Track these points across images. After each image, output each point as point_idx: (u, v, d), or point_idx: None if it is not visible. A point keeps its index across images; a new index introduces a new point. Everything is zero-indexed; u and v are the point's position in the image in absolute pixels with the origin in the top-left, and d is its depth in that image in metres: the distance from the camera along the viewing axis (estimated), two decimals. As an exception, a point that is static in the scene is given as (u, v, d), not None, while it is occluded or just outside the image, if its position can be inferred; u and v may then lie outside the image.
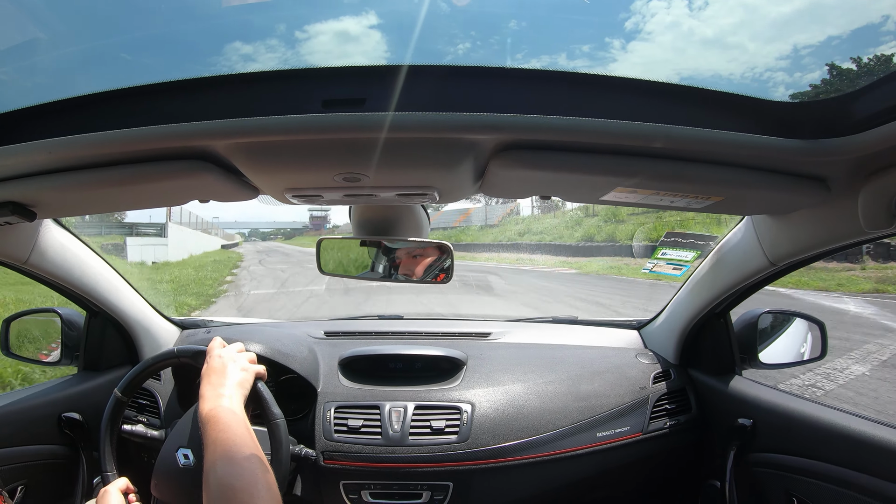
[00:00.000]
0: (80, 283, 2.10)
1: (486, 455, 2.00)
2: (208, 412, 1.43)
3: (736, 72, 1.13)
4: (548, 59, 1.09)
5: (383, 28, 1.10)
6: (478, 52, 1.10)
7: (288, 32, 1.11)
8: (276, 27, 1.13)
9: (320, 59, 1.05)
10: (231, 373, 1.58)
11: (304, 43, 1.11)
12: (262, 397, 1.64)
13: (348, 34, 1.09)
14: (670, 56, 1.18)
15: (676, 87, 1.05)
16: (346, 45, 1.09)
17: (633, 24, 1.12)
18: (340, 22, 1.09)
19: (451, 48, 1.12)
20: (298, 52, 1.10)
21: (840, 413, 1.75)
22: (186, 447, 1.62)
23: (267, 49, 1.10)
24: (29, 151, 1.10)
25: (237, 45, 1.09)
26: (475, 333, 2.65)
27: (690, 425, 2.27)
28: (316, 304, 15.30)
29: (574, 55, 1.12)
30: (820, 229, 1.47)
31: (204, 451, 1.35)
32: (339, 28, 1.09)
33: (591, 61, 1.12)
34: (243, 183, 1.34)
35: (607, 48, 1.13)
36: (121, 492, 1.62)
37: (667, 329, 2.47)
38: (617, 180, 1.22)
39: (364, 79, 1.03)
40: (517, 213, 50.84)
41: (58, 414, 2.14)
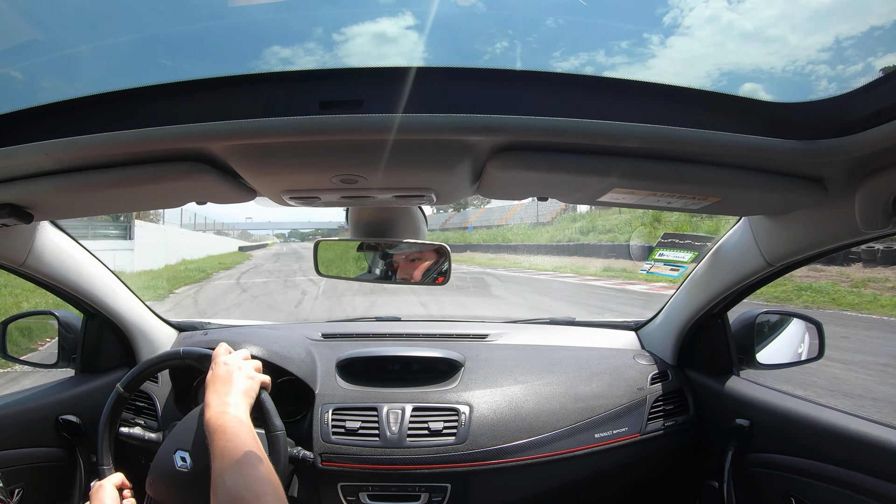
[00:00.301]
0: (77, 286, 2.09)
1: (484, 456, 2.00)
2: (216, 421, 1.42)
3: (777, 65, 1.12)
4: (586, 57, 1.09)
5: (420, 29, 1.09)
6: (514, 51, 1.10)
7: (325, 35, 1.11)
8: (313, 30, 1.12)
9: (358, 61, 1.05)
10: (237, 381, 1.57)
11: (343, 45, 1.10)
12: (265, 408, 1.63)
13: (385, 35, 1.08)
14: (710, 51, 1.17)
15: (673, 89, 1.05)
16: (384, 46, 1.08)
17: (671, 19, 1.11)
18: (377, 24, 1.09)
19: (489, 47, 1.12)
20: (337, 55, 1.10)
21: (837, 413, 1.75)
22: (185, 450, 1.61)
23: (305, 52, 1.10)
24: (26, 153, 1.09)
25: (275, 49, 1.09)
26: (473, 335, 2.65)
27: (688, 426, 2.27)
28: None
29: (612, 52, 1.11)
30: (817, 230, 1.47)
31: (211, 459, 1.34)
32: (377, 30, 1.08)
33: (630, 58, 1.12)
34: (240, 185, 1.34)
35: (646, 44, 1.12)
36: (115, 487, 1.63)
37: (664, 330, 2.47)
38: (614, 181, 1.22)
39: (362, 80, 1.03)
40: (574, 209, 46.32)
41: (55, 416, 2.14)
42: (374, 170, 1.22)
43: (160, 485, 1.62)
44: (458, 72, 1.04)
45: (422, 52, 1.10)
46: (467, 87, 1.03)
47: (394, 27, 1.08)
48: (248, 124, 1.00)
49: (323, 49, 1.10)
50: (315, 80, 1.04)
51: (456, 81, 1.03)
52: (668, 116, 1.03)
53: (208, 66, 1.07)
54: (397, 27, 1.08)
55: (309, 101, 1.00)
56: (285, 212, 14.57)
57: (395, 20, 1.09)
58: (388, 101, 0.99)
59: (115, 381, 1.84)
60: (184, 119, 1.02)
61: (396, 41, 1.08)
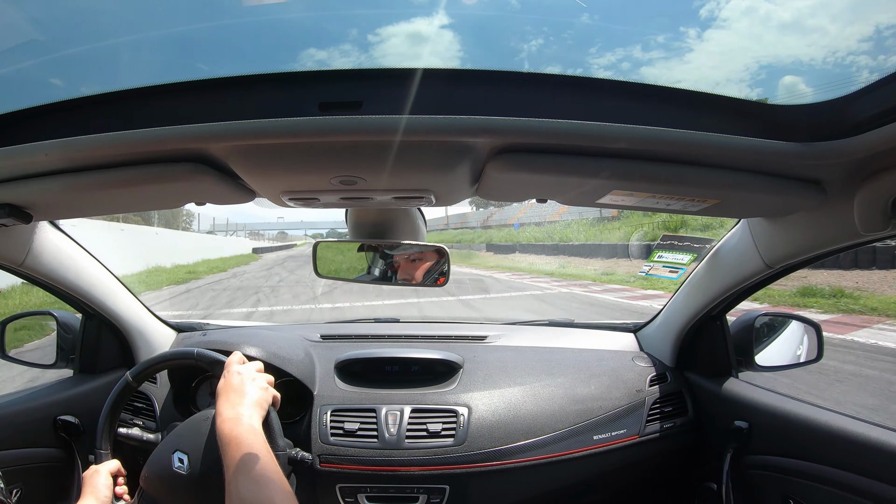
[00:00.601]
0: (76, 286, 2.09)
1: (482, 458, 2.00)
2: (229, 431, 1.41)
3: (817, 57, 1.10)
4: (622, 53, 1.09)
5: (455, 28, 1.09)
6: (550, 49, 1.09)
7: (360, 36, 1.10)
8: (348, 32, 1.12)
9: (393, 62, 1.05)
10: (250, 391, 1.56)
11: (378, 46, 1.10)
12: (271, 426, 1.63)
13: (420, 35, 1.08)
14: (747, 43, 1.15)
15: (672, 91, 1.05)
16: (418, 46, 1.08)
17: (707, 12, 1.09)
18: (411, 23, 1.09)
19: (524, 45, 1.11)
20: (372, 56, 1.09)
21: (836, 415, 1.75)
22: (184, 452, 1.61)
23: (342, 53, 1.09)
24: (25, 153, 1.09)
25: (311, 51, 1.09)
26: (471, 336, 2.65)
27: (687, 428, 2.27)
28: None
29: (649, 47, 1.10)
30: (816, 232, 1.47)
31: (224, 469, 1.34)
32: (411, 30, 1.08)
33: (667, 52, 1.11)
34: (239, 186, 1.34)
35: (683, 38, 1.11)
36: (111, 474, 1.64)
37: (663, 332, 2.47)
38: (613, 183, 1.22)
39: (361, 81, 1.03)
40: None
41: (53, 417, 2.13)
42: (373, 171, 1.22)
43: (154, 481, 1.62)
44: (459, 73, 1.04)
45: (456, 52, 1.10)
46: (467, 89, 1.03)
47: (427, 27, 1.08)
48: (247, 125, 1.00)
49: (354, 49, 1.09)
50: (314, 81, 1.04)
51: (456, 83, 1.03)
52: (668, 118, 1.03)
53: (235, 66, 1.07)
54: (431, 27, 1.08)
55: (308, 101, 1.00)
56: (322, 211, 14.17)
57: (428, 20, 1.08)
58: (388, 103, 0.99)
59: (114, 381, 1.83)
60: (183, 120, 1.02)
61: (430, 41, 1.08)
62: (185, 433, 1.66)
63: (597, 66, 1.08)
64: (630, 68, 1.08)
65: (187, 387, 2.34)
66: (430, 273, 1.97)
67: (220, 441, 1.41)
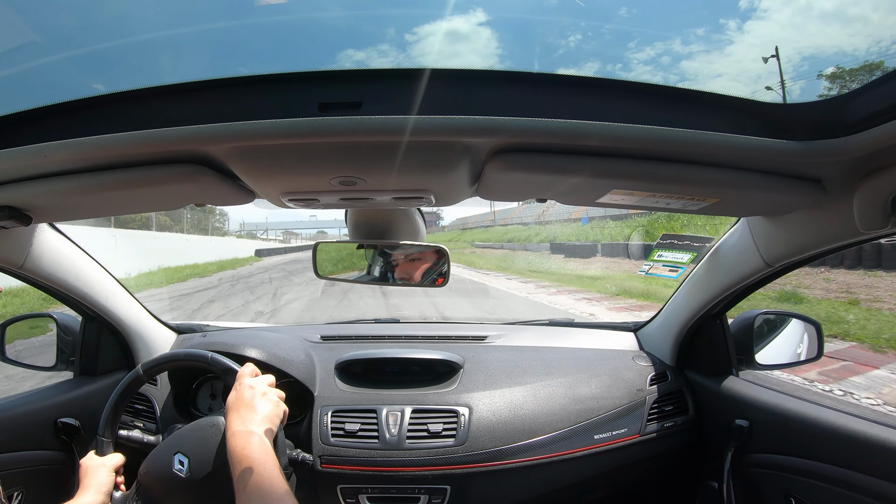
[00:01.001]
0: (76, 288, 2.09)
1: (483, 458, 2.00)
2: (241, 449, 1.40)
3: (861, 46, 1.09)
4: (662, 47, 1.08)
5: (492, 25, 1.08)
6: (589, 45, 1.09)
7: (398, 35, 1.10)
8: (385, 31, 1.11)
9: (432, 61, 1.04)
10: (262, 407, 1.55)
11: (416, 44, 1.09)
12: (277, 444, 1.62)
13: (458, 33, 1.07)
14: (789, 34, 1.14)
15: (671, 90, 1.05)
16: (457, 44, 1.07)
17: (747, 3, 1.08)
18: (449, 22, 1.08)
19: (563, 41, 1.11)
20: (410, 55, 1.09)
21: (837, 413, 1.75)
22: (185, 455, 1.61)
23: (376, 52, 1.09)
24: (25, 155, 1.09)
25: (349, 53, 1.08)
26: (471, 337, 2.65)
27: (688, 427, 2.27)
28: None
29: (689, 40, 1.10)
30: (816, 230, 1.47)
31: (235, 489, 1.33)
32: (449, 28, 1.07)
33: (707, 45, 1.10)
34: (239, 187, 1.34)
35: (723, 30, 1.11)
36: (113, 470, 1.64)
37: (663, 331, 2.47)
38: (613, 182, 1.22)
39: (361, 82, 1.03)
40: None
41: (54, 419, 2.13)
42: (372, 171, 1.22)
43: (152, 478, 1.61)
44: (459, 73, 1.04)
45: (494, 49, 1.09)
46: (466, 89, 1.03)
47: (465, 24, 1.07)
48: (246, 126, 1.00)
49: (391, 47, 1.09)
50: (314, 82, 1.04)
51: (455, 83, 1.03)
52: (667, 118, 1.03)
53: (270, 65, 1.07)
54: (468, 24, 1.07)
55: (308, 102, 1.00)
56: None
57: (466, 17, 1.08)
58: (388, 103, 0.99)
59: (114, 383, 1.83)
60: (182, 121, 1.02)
61: (469, 38, 1.08)
62: (188, 436, 1.66)
63: (636, 62, 1.08)
64: (670, 62, 1.08)
65: (187, 388, 2.34)
66: (428, 273, 1.97)
67: (231, 457, 1.40)
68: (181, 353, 1.78)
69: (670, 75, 1.10)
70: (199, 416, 2.25)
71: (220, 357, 1.73)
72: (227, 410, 1.55)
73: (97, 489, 1.58)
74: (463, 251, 57.60)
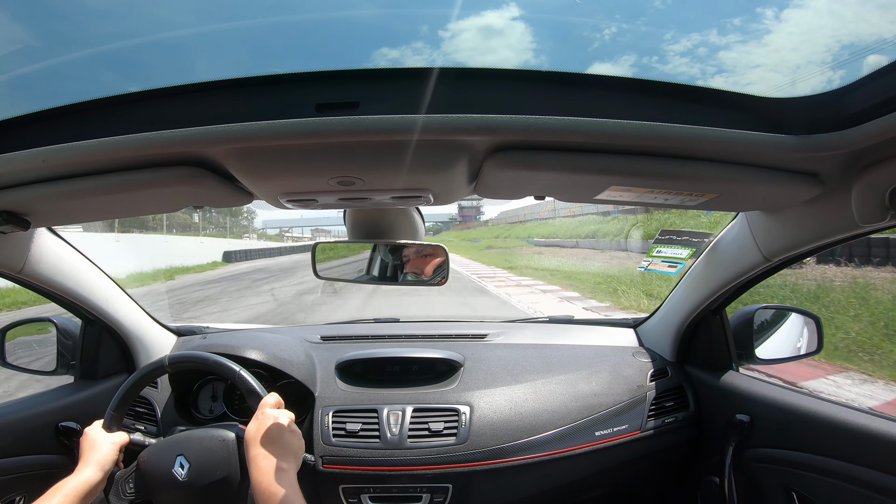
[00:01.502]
0: (75, 292, 2.09)
1: (484, 456, 2.00)
2: (269, 486, 1.39)
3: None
4: (698, 38, 1.08)
5: (526, 19, 1.07)
6: (624, 37, 1.08)
7: (431, 33, 1.09)
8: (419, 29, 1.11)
9: (466, 57, 1.03)
10: (289, 443, 1.54)
11: (450, 41, 1.09)
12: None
13: (492, 28, 1.07)
14: (827, 21, 1.12)
15: (668, 86, 1.05)
16: (491, 39, 1.07)
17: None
18: (482, 17, 1.07)
19: (598, 34, 1.10)
20: (444, 51, 1.08)
21: (837, 406, 1.76)
22: (187, 460, 1.61)
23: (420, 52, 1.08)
24: (22, 160, 1.09)
25: (384, 51, 1.08)
26: (471, 335, 2.65)
27: (688, 422, 2.28)
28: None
29: (725, 30, 1.09)
30: (814, 224, 1.47)
31: None
32: (482, 23, 1.07)
33: (744, 35, 1.09)
34: (237, 188, 1.34)
35: (760, 19, 1.09)
36: (118, 448, 1.66)
37: (663, 327, 2.48)
38: (611, 179, 1.23)
39: (357, 82, 1.04)
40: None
41: (55, 423, 2.13)
42: (371, 171, 1.22)
43: (150, 469, 1.62)
44: (455, 72, 1.04)
45: (529, 44, 1.09)
46: (463, 87, 1.03)
47: (499, 19, 1.07)
48: (243, 128, 1.00)
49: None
50: (310, 82, 1.05)
51: (452, 81, 1.03)
52: (664, 113, 1.03)
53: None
54: (502, 19, 1.07)
55: (305, 103, 1.01)
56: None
57: (499, 12, 1.07)
58: (385, 103, 0.99)
59: (115, 387, 1.83)
60: (179, 124, 1.02)
61: (503, 33, 1.07)
62: (195, 442, 1.66)
63: (672, 54, 1.07)
64: (707, 54, 1.07)
65: (188, 390, 2.34)
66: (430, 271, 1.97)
67: (258, 493, 1.40)
68: (211, 358, 1.78)
69: (707, 67, 1.09)
70: (200, 418, 2.25)
71: (248, 378, 1.74)
72: (248, 441, 1.53)
73: (100, 465, 1.59)
74: (517, 251, 46.97)
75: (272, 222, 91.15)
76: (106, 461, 1.60)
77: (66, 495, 1.48)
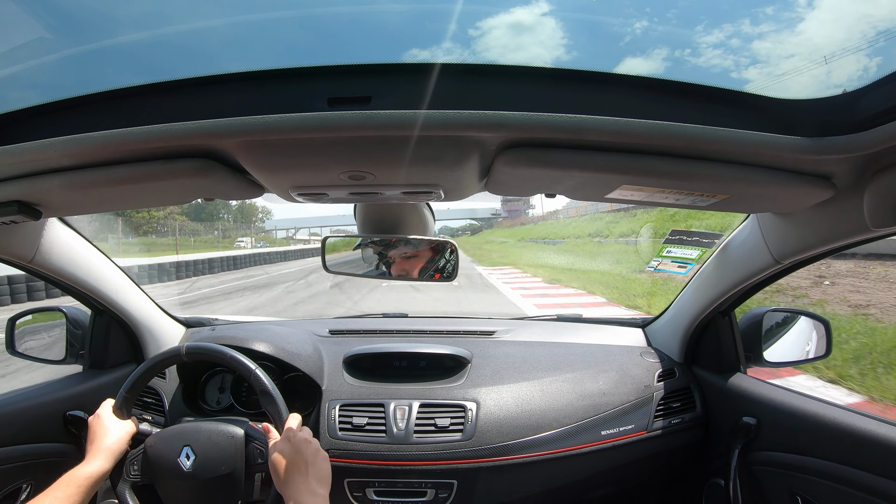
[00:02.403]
0: (85, 282, 2.10)
1: (490, 453, 2.00)
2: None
3: None
4: (731, 29, 1.06)
5: (555, 15, 1.07)
6: (655, 31, 1.07)
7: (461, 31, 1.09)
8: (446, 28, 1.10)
9: (496, 55, 1.03)
10: (322, 466, 1.54)
11: (480, 39, 1.09)
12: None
13: (522, 25, 1.06)
14: (861, 7, 1.10)
15: (681, 85, 1.05)
16: (521, 36, 1.06)
17: None
18: (511, 14, 1.07)
19: (628, 28, 1.09)
20: (474, 49, 1.08)
21: (844, 411, 1.75)
22: (194, 452, 1.62)
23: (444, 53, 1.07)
24: (35, 150, 1.10)
25: (414, 51, 1.08)
26: (480, 332, 2.66)
27: (695, 423, 2.27)
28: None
29: (758, 20, 1.07)
30: (825, 227, 1.46)
31: None
32: (512, 20, 1.06)
33: (777, 24, 1.08)
34: (249, 181, 1.35)
35: (792, 7, 1.08)
36: (128, 439, 1.68)
37: (671, 327, 2.47)
38: (622, 178, 1.22)
39: (370, 76, 1.04)
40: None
41: (63, 412, 2.14)
42: (382, 166, 1.22)
43: (156, 455, 1.64)
44: (468, 68, 1.04)
45: (560, 39, 1.08)
46: (476, 83, 1.03)
47: (529, 15, 1.06)
48: (256, 121, 1.00)
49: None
50: (323, 76, 1.05)
51: (465, 77, 1.03)
52: (677, 113, 1.02)
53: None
54: (532, 15, 1.06)
55: (317, 97, 1.01)
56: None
57: (529, 8, 1.07)
58: (397, 97, 0.99)
59: (123, 376, 1.85)
60: (192, 116, 1.03)
61: (533, 29, 1.06)
62: (203, 435, 1.66)
63: (705, 45, 1.05)
64: (740, 45, 1.05)
65: (196, 381, 2.35)
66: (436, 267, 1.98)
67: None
68: (228, 354, 1.77)
69: (741, 58, 1.07)
70: (208, 410, 2.26)
71: (263, 377, 1.73)
72: (280, 464, 1.52)
73: (110, 454, 1.62)
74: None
75: (282, 222, 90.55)
76: (116, 450, 1.63)
77: (77, 485, 1.50)
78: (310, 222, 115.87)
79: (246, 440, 1.67)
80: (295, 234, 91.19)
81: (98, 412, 1.71)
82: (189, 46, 1.15)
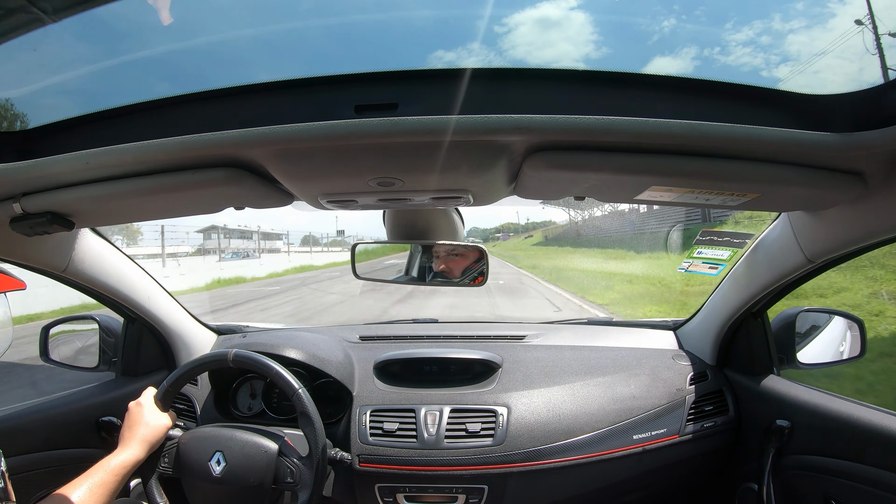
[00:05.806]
0: (118, 291, 2.13)
1: (521, 458, 1.99)
2: None
3: None
4: (760, 26, 1.05)
5: (584, 8, 1.06)
6: (684, 29, 1.07)
7: (488, 29, 1.09)
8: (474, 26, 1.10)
9: (523, 53, 1.03)
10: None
11: (505, 37, 1.08)
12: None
13: (549, 20, 1.06)
14: (891, 2, 1.09)
15: (708, 83, 1.04)
16: (549, 32, 1.06)
17: None
18: (538, 9, 1.07)
19: (657, 27, 1.09)
20: (500, 48, 1.08)
21: (882, 413, 1.71)
22: (225, 459, 1.64)
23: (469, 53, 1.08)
24: (67, 163, 1.12)
25: (439, 53, 1.08)
26: (510, 336, 2.64)
27: (727, 427, 2.24)
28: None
29: (788, 16, 1.06)
30: (858, 225, 1.44)
31: None
32: (539, 15, 1.06)
33: (808, 20, 1.07)
34: (278, 189, 1.36)
35: (823, 2, 1.07)
36: (166, 431, 1.73)
37: (703, 329, 2.44)
38: (651, 179, 1.21)
39: (396, 83, 1.04)
40: None
41: (96, 418, 2.18)
42: (410, 172, 1.22)
43: (188, 453, 1.69)
44: (494, 72, 1.04)
45: (589, 35, 1.08)
46: (502, 88, 1.03)
47: (556, 10, 1.06)
48: (284, 130, 1.01)
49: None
50: (350, 84, 1.05)
51: (490, 81, 1.03)
52: (705, 112, 1.02)
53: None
54: (560, 10, 1.06)
55: (344, 104, 1.01)
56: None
57: (556, 2, 1.06)
58: (423, 104, 0.99)
59: (155, 383, 1.86)
60: (221, 125, 1.04)
61: (560, 25, 1.06)
62: (237, 444, 1.69)
63: (734, 43, 1.04)
64: (770, 42, 1.04)
65: (228, 387, 2.37)
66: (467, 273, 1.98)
67: None
68: (273, 369, 1.79)
69: (771, 56, 1.06)
70: (239, 416, 2.28)
71: (305, 399, 1.75)
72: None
73: (147, 444, 1.67)
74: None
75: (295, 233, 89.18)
76: (152, 441, 1.67)
77: (113, 472, 1.56)
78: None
79: (279, 454, 1.68)
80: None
81: (140, 399, 1.74)
82: (218, 55, 1.16)
